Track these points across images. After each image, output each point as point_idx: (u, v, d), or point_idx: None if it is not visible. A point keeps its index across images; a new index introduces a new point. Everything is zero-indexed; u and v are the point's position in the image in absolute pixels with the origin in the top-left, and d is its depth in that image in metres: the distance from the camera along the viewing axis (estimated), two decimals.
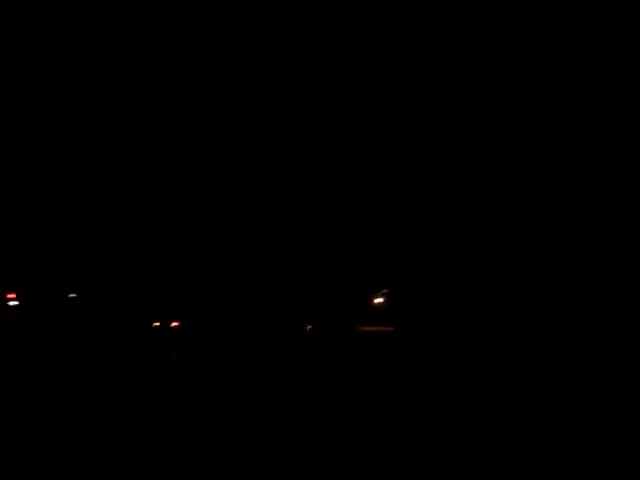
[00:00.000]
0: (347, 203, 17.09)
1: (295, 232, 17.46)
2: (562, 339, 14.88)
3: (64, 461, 9.91)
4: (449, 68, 16.26)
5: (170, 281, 18.50)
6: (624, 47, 15.35)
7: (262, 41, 16.64)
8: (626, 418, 11.59)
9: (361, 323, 16.90)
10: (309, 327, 17.89)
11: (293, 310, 17.87)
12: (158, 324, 18.63)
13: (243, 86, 17.01)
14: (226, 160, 17.49)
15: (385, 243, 16.60)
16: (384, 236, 16.61)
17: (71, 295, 17.80)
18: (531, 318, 15.17)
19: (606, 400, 12.44)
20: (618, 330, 14.97)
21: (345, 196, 17.09)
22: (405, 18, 16.28)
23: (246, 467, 9.95)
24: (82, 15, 16.58)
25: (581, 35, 15.66)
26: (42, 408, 12.62)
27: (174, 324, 18.80)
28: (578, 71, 15.81)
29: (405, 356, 15.10)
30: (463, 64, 16.20)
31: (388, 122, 16.76)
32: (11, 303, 17.21)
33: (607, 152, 15.81)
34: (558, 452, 10.39)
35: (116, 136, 17.35)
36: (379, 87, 16.64)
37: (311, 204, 17.38)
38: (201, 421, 11.78)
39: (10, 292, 17.12)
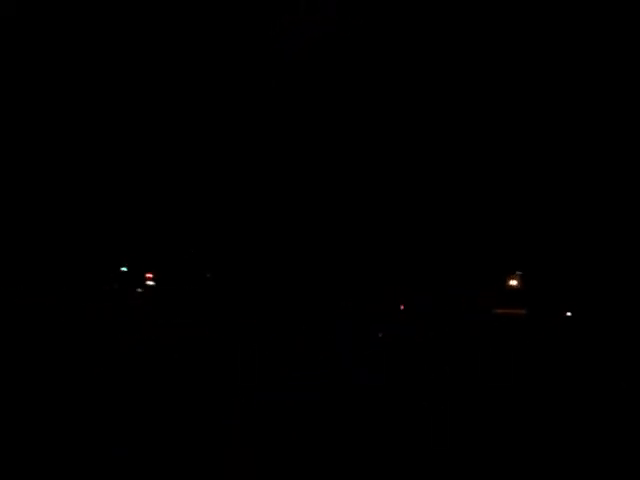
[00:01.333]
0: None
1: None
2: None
3: (64, 461, 9.91)
4: (448, 68, 16.27)
5: (175, 279, 18.55)
6: (624, 47, 15.35)
7: (262, 41, 16.65)
8: (626, 418, 11.59)
9: (496, 305, 16.59)
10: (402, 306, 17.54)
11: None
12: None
13: (243, 86, 17.01)
14: (227, 159, 17.50)
15: (517, 227, 16.30)
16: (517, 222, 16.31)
17: (207, 275, 18.38)
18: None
19: (606, 400, 12.43)
20: (618, 330, 14.98)
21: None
22: (405, 18, 16.29)
23: (246, 467, 9.95)
24: (82, 15, 16.59)
25: (581, 35, 15.67)
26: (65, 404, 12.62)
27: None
28: (578, 71, 15.82)
29: (535, 340, 14.87)
30: (463, 64, 16.21)
31: (388, 121, 16.77)
32: (149, 283, 17.77)
33: (607, 152, 15.81)
34: (560, 452, 10.39)
35: (117, 136, 17.36)
36: (379, 87, 16.65)
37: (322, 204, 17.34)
38: (201, 421, 11.78)
39: (148, 272, 17.68)
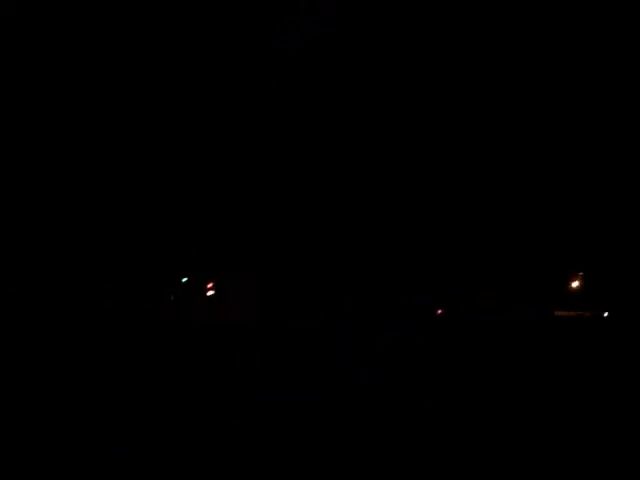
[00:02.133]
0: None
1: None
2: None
3: (64, 461, 9.92)
4: (449, 68, 16.27)
5: (173, 279, 18.53)
6: (624, 47, 15.35)
7: (262, 41, 16.65)
8: (626, 418, 11.60)
9: (557, 307, 16.21)
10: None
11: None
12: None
13: (243, 86, 17.02)
14: (226, 160, 17.51)
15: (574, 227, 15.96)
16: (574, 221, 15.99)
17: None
18: None
19: (606, 400, 12.44)
20: (619, 330, 14.97)
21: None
22: (405, 18, 16.30)
23: (246, 467, 9.96)
24: (82, 15, 16.59)
25: (581, 35, 15.67)
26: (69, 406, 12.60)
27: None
28: (578, 71, 15.82)
29: (599, 343, 14.61)
30: (463, 64, 16.22)
31: (388, 122, 16.78)
32: (209, 293, 17.49)
33: (607, 152, 15.81)
34: (560, 452, 10.41)
35: (117, 136, 17.37)
36: (379, 87, 16.66)
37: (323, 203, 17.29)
38: (201, 421, 11.78)
39: (210, 282, 17.37)
